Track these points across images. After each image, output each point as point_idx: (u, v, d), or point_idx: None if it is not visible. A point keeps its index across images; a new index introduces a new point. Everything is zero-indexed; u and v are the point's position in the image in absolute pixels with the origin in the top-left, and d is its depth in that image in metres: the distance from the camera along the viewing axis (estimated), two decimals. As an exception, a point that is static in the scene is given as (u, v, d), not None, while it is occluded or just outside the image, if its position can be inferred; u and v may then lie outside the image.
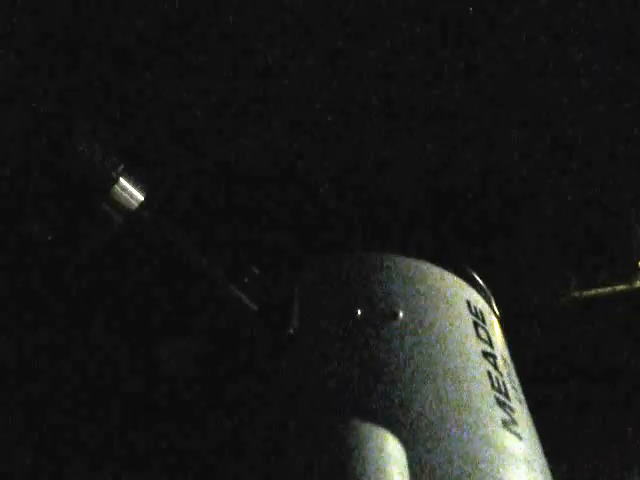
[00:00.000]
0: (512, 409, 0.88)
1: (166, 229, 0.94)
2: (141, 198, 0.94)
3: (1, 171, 0.93)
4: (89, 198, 0.92)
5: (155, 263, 0.93)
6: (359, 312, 0.96)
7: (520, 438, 0.85)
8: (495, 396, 0.88)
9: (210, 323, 0.93)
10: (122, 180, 0.94)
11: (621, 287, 1.61)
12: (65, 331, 0.96)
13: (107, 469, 0.93)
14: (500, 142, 1.33)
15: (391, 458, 0.60)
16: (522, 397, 0.96)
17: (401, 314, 0.95)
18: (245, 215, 1.09)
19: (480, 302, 1.06)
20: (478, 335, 0.97)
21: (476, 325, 0.99)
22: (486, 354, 0.95)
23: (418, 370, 0.89)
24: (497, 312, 1.14)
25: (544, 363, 1.58)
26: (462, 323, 0.98)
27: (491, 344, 0.98)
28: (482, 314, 1.03)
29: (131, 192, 0.94)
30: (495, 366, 0.94)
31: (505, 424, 0.85)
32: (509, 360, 1.02)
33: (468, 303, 1.02)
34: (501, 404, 0.88)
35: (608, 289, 1.63)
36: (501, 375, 0.93)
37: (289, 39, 1.13)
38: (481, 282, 1.13)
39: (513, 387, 0.94)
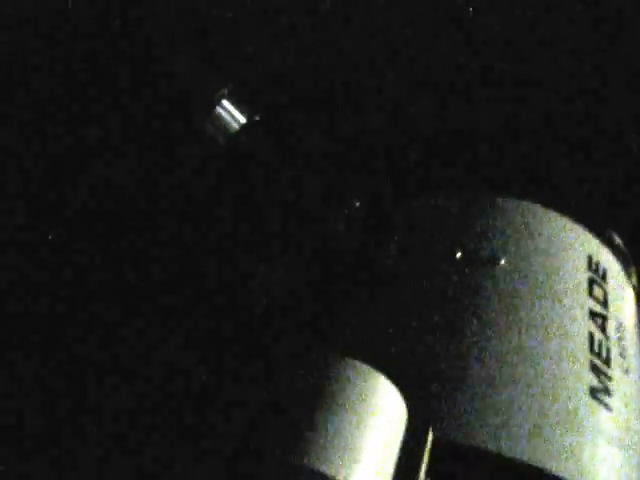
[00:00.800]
0: (609, 377, 0.78)
1: (265, 153, 0.92)
2: (243, 121, 0.93)
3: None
4: (192, 117, 0.93)
5: (252, 187, 0.92)
6: (458, 254, 0.89)
7: (610, 409, 0.75)
8: (591, 360, 0.78)
9: (305, 250, 0.91)
10: (225, 102, 0.93)
11: None
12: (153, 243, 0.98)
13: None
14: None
15: (373, 399, 0.54)
16: (632, 367, 0.84)
17: (503, 260, 0.87)
18: (351, 147, 1.04)
19: (607, 261, 0.94)
20: (591, 293, 0.87)
21: (592, 282, 0.89)
22: (595, 314, 0.84)
23: (508, 321, 0.81)
24: (634, 281, 1.01)
25: None
26: (573, 277, 0.88)
27: (606, 305, 0.87)
28: (605, 273, 0.92)
29: (233, 114, 0.93)
30: (602, 328, 0.84)
31: (593, 392, 0.76)
32: (630, 327, 0.91)
33: (590, 258, 0.92)
34: (596, 370, 0.78)
35: None
36: (607, 339, 0.83)
37: None
38: (621, 245, 1.01)
39: (621, 354, 0.83)
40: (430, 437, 0.64)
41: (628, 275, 1.00)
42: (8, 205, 1.00)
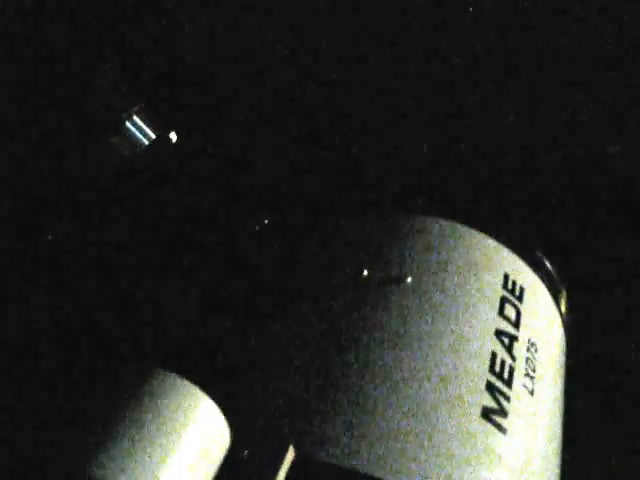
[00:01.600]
0: (507, 397, 0.75)
1: (174, 168, 0.90)
2: (153, 136, 0.92)
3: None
4: (101, 131, 0.91)
5: (161, 199, 0.90)
6: (365, 273, 0.86)
7: (503, 431, 0.72)
8: (488, 380, 0.75)
9: (211, 267, 0.89)
10: (136, 118, 0.92)
11: None
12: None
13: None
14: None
15: (184, 415, 0.51)
16: (541, 389, 0.80)
17: (409, 279, 0.84)
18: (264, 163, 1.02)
19: (527, 281, 0.91)
20: (501, 312, 0.84)
21: (504, 301, 0.85)
22: (501, 333, 0.81)
23: (405, 339, 0.78)
24: (563, 303, 0.97)
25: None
26: (483, 296, 0.84)
27: (517, 324, 0.84)
28: (522, 293, 0.88)
29: (144, 130, 0.92)
30: (508, 348, 0.80)
31: (486, 413, 0.72)
32: (546, 348, 0.87)
33: (506, 277, 0.88)
34: (492, 390, 0.74)
35: None
36: (513, 359, 0.79)
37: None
38: (549, 267, 0.97)
39: (527, 375, 0.79)
40: (290, 457, 0.61)
41: (555, 297, 0.96)
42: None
